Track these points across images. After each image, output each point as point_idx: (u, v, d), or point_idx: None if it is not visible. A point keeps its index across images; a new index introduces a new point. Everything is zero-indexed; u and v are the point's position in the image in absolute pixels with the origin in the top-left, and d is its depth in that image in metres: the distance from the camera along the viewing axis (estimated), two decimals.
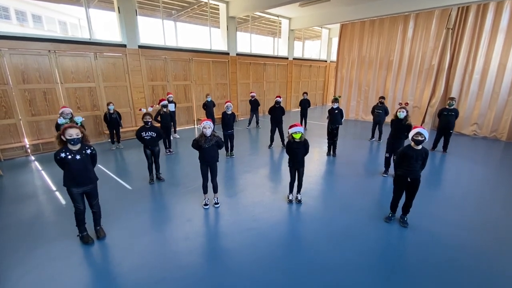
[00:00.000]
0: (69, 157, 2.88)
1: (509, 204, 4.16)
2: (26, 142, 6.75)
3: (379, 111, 7.62)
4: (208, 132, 3.74)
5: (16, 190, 4.75)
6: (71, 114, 5.12)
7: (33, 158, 6.61)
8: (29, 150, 6.82)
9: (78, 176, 2.99)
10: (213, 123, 9.66)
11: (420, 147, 3.31)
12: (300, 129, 3.83)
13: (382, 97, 7.81)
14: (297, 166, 4.00)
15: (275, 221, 3.71)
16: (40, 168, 5.86)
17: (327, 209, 4.05)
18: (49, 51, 6.75)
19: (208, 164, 3.91)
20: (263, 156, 6.64)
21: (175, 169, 5.87)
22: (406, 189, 3.47)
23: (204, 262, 2.92)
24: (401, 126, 4.88)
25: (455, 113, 6.42)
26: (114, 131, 7.24)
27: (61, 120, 2.69)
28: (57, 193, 4.59)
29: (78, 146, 2.94)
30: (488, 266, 2.81)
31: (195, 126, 10.43)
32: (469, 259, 2.91)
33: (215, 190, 4.12)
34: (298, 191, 4.20)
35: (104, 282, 2.63)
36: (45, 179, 5.23)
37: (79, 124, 2.91)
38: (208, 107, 8.78)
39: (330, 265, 2.83)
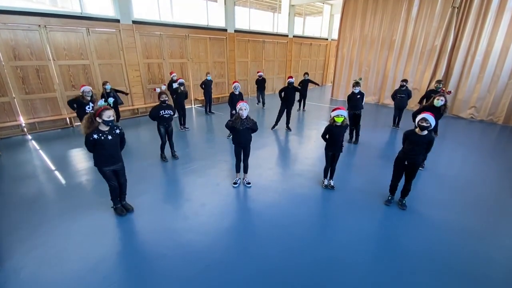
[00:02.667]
0: (102, 138, 2.95)
1: (498, 187, 4.30)
2: (22, 120, 6.68)
3: (402, 95, 6.94)
4: (245, 114, 3.69)
5: (15, 169, 4.78)
6: (91, 91, 5.29)
7: (30, 137, 6.59)
8: (25, 129, 6.78)
9: (110, 156, 3.10)
10: (210, 103, 9.47)
11: (425, 132, 3.27)
12: (344, 112, 3.69)
13: (405, 80, 7.02)
14: (335, 150, 3.92)
15: (272, 201, 3.82)
16: (37, 148, 5.87)
17: (321, 191, 4.15)
18: (39, 26, 6.47)
19: (242, 146, 3.94)
20: (264, 138, 6.64)
21: (183, 147, 5.90)
22: (405, 172, 3.54)
23: (203, 239, 3.04)
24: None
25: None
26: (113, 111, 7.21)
27: (101, 102, 2.81)
28: (57, 173, 4.64)
29: (108, 127, 3.00)
30: (474, 248, 2.97)
31: (193, 106, 10.32)
32: (457, 241, 3.06)
33: (246, 170, 4.20)
34: (331, 177, 4.17)
35: (107, 259, 2.76)
36: (44, 159, 5.26)
37: (111, 105, 3.08)
38: (207, 86, 8.64)
39: (323, 244, 2.98)
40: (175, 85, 7.09)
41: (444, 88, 6.18)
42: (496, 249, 2.92)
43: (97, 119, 2.90)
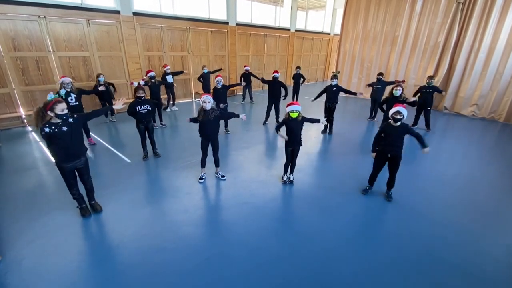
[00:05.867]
0: (56, 130, 2.77)
1: (495, 184, 4.30)
2: (22, 112, 6.67)
3: (378, 86, 7.48)
4: (208, 106, 3.74)
5: (15, 161, 4.79)
6: (71, 83, 5.04)
7: (29, 128, 6.59)
8: (25, 121, 6.77)
9: (70, 150, 2.91)
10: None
11: (398, 123, 3.44)
12: (297, 107, 3.73)
13: (380, 74, 7.58)
14: (293, 145, 3.91)
15: (271, 196, 3.83)
16: (38, 139, 5.86)
17: (319, 185, 4.16)
18: (38, 16, 6.40)
19: (208, 138, 3.95)
20: (259, 133, 6.65)
21: (174, 143, 5.91)
22: (388, 165, 3.65)
23: (203, 232, 3.07)
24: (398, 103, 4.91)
25: (433, 90, 6.69)
26: (107, 104, 7.00)
27: (50, 96, 2.62)
28: None
29: (61, 119, 2.83)
30: (472, 244, 3.00)
31: (193, 99, 10.28)
32: (454, 236, 3.08)
33: (217, 164, 4.21)
34: (291, 172, 4.17)
35: (107, 250, 2.78)
36: (44, 150, 5.25)
37: (64, 98, 2.81)
38: (205, 79, 8.58)
39: (318, 236, 3.00)
40: (168, 78, 6.89)
41: (404, 80, 7.45)
42: (494, 246, 2.94)
43: (49, 112, 2.71)
